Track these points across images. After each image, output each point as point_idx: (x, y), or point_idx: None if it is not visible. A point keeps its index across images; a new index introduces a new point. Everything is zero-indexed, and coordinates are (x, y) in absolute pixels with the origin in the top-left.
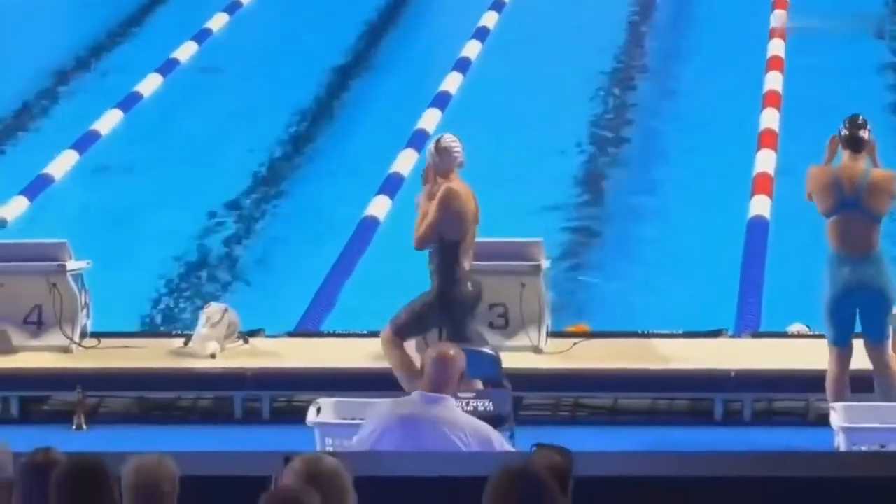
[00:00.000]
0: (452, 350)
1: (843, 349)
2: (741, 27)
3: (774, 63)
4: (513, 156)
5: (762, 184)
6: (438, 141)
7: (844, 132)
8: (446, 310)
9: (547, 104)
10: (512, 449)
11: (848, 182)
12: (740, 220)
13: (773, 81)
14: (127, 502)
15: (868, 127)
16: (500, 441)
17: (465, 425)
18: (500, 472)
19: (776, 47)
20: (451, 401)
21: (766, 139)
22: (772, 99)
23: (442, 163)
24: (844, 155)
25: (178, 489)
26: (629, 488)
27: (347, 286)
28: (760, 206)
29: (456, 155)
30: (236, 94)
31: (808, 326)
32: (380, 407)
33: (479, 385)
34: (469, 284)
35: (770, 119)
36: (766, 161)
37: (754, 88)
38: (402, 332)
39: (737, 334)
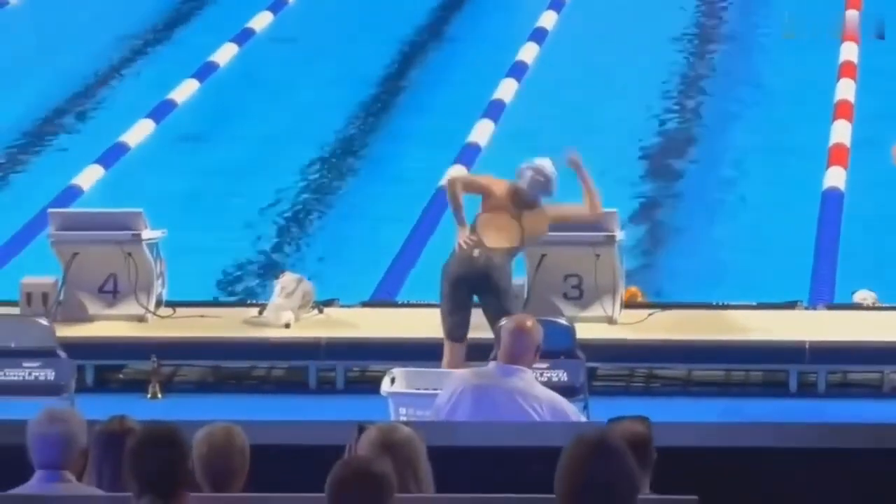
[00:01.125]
0: (529, 321)
1: None
2: None
3: (850, 34)
4: (589, 125)
5: (837, 155)
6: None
7: None
8: (444, 283)
9: (623, 74)
10: (583, 419)
11: None
12: (815, 192)
13: (849, 52)
14: (198, 472)
15: None
16: (575, 414)
17: (541, 397)
18: (575, 441)
19: (851, 17)
20: (529, 373)
21: (842, 110)
22: (847, 70)
23: None
24: None
25: (249, 459)
26: (703, 458)
27: (423, 256)
28: (836, 177)
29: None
30: (311, 63)
31: (874, 292)
32: (457, 376)
33: None
34: (463, 258)
35: (846, 90)
36: (841, 132)
37: (830, 59)
38: (443, 328)
39: (811, 306)
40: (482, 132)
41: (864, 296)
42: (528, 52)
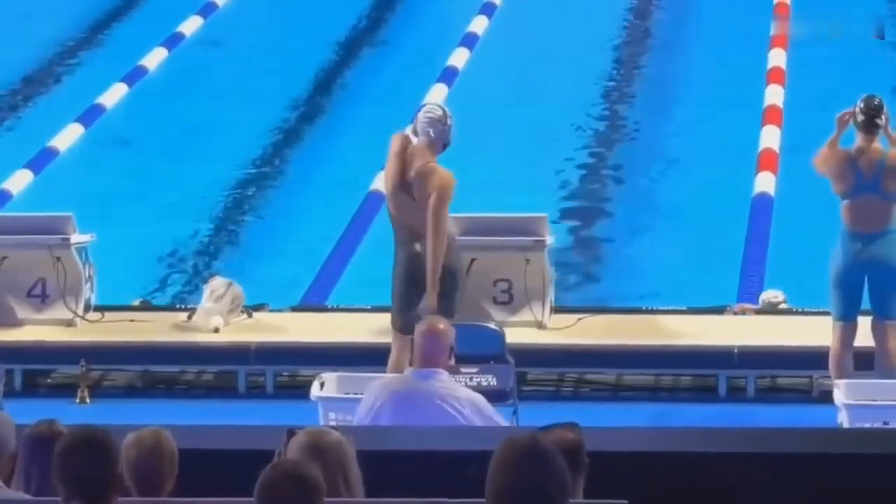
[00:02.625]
0: (442, 324)
1: (847, 324)
2: (747, 2)
3: (779, 39)
4: (518, 131)
5: (767, 160)
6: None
7: (860, 116)
8: (394, 279)
9: (553, 80)
10: (503, 420)
11: (865, 165)
12: (745, 197)
13: (778, 58)
14: (127, 476)
15: (884, 109)
16: (495, 413)
17: (461, 397)
18: (506, 443)
19: (781, 23)
20: (444, 374)
21: (771, 115)
22: (776, 75)
23: None
24: (859, 137)
25: (178, 463)
26: (633, 463)
27: (353, 261)
28: (765, 182)
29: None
30: (241, 67)
31: (783, 293)
32: (375, 385)
33: None
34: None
35: (774, 95)
36: (770, 137)
37: (759, 64)
38: (397, 324)
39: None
40: None
41: (774, 294)
42: (459, 57)
